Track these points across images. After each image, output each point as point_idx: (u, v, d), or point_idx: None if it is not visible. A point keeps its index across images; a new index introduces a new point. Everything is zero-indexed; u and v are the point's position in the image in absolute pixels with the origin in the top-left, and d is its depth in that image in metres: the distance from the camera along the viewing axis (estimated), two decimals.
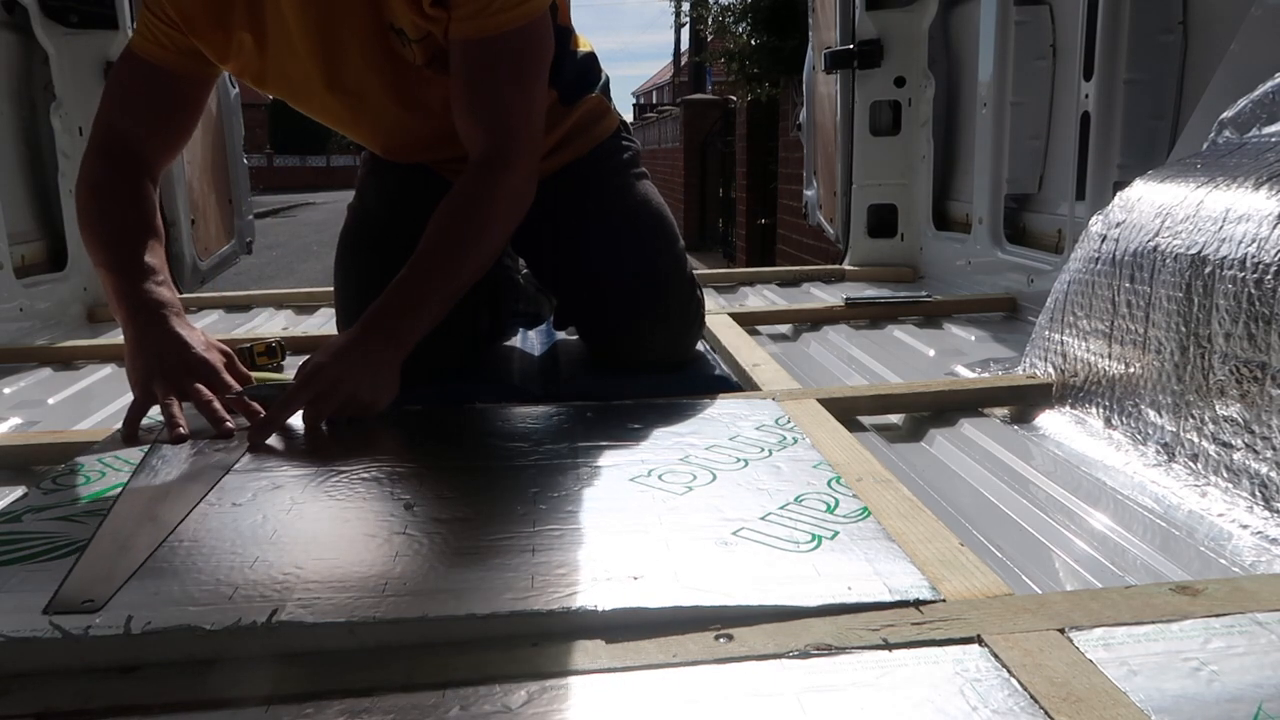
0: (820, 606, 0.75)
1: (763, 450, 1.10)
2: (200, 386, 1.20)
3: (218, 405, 1.19)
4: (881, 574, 0.80)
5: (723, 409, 1.28)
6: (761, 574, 0.80)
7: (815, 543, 0.86)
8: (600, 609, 0.74)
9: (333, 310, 1.69)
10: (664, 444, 1.14)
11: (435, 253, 1.25)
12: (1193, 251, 1.14)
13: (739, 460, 1.07)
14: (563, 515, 0.93)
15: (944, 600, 0.76)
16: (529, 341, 1.76)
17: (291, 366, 1.82)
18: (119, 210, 1.30)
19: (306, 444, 1.17)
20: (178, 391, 1.19)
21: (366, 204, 1.59)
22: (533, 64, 1.29)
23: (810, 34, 3.24)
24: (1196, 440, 1.11)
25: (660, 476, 1.03)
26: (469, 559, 0.84)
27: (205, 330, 1.29)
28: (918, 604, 0.76)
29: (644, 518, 0.92)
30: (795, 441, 1.14)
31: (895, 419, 1.41)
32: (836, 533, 0.88)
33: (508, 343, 1.72)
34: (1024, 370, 1.50)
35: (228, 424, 1.17)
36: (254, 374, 1.49)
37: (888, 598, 0.76)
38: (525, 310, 1.76)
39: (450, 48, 1.27)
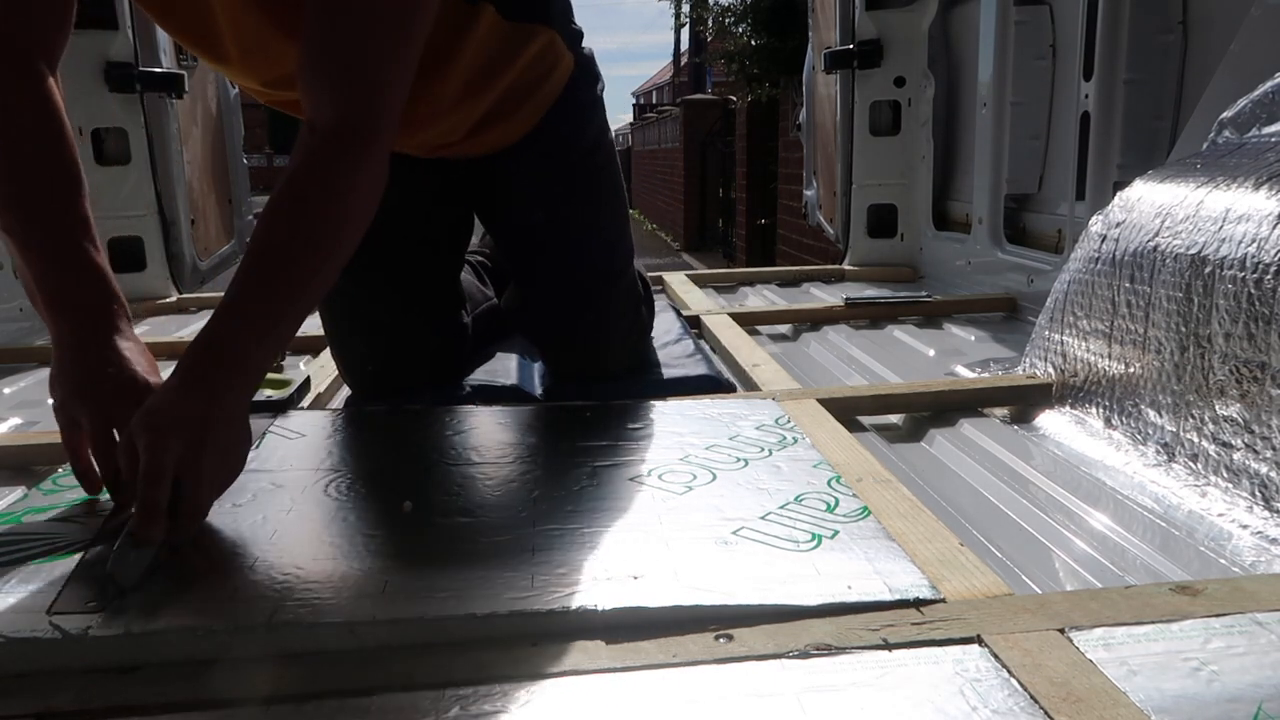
0: (820, 606, 0.75)
1: (763, 450, 1.10)
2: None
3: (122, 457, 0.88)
4: (881, 573, 0.80)
5: (722, 409, 1.28)
6: (761, 573, 0.80)
7: (815, 542, 0.86)
8: (600, 609, 0.74)
9: None
10: (663, 443, 1.14)
11: (283, 260, 0.93)
12: (1193, 251, 1.14)
13: (739, 460, 1.07)
14: (562, 515, 0.93)
15: (944, 600, 0.76)
16: (527, 343, 1.76)
17: (291, 367, 1.83)
18: (26, 147, 0.99)
19: (306, 444, 1.17)
20: (104, 420, 0.93)
21: None
22: (412, 13, 0.97)
23: (810, 34, 3.24)
24: (1196, 440, 1.11)
25: (660, 476, 1.03)
26: (469, 559, 0.84)
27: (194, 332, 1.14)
28: (918, 603, 0.76)
29: (644, 517, 0.92)
30: (795, 441, 1.14)
31: (895, 419, 1.41)
32: (836, 532, 0.88)
33: (506, 344, 1.72)
34: (1024, 370, 1.50)
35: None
36: None
37: (888, 596, 0.76)
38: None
39: None
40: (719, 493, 0.98)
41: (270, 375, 1.40)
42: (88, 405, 0.94)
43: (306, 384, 1.40)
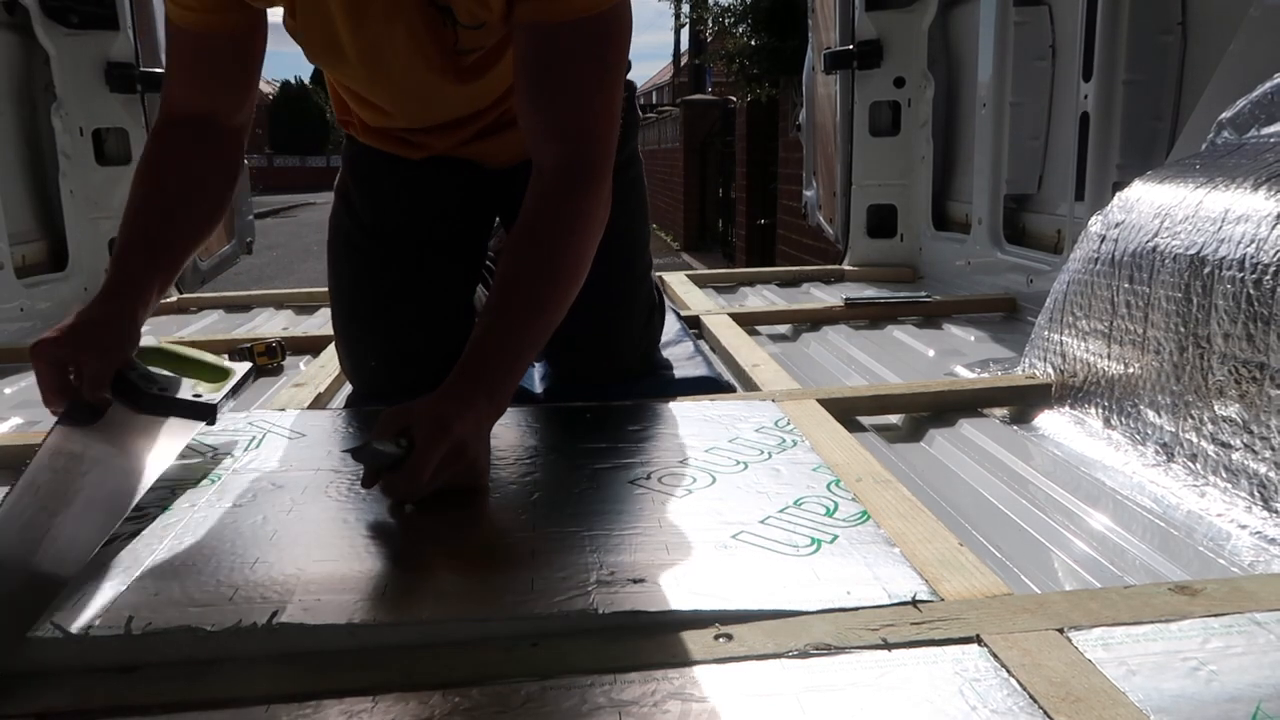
0: (819, 612, 0.75)
1: (762, 453, 1.10)
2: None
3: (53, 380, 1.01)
4: (881, 578, 0.80)
5: (722, 410, 1.28)
6: (761, 578, 0.80)
7: (815, 547, 0.86)
8: (600, 612, 0.74)
9: None
10: (663, 446, 1.14)
11: (525, 293, 1.08)
12: (1192, 252, 1.15)
13: (738, 463, 1.07)
14: (563, 518, 0.93)
15: (943, 600, 0.77)
16: None
17: (291, 367, 1.83)
18: (166, 198, 1.15)
19: (306, 444, 1.17)
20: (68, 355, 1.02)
21: (351, 201, 1.51)
22: (616, 55, 1.13)
23: (810, 34, 3.24)
24: (1195, 440, 1.11)
25: (660, 479, 1.03)
26: (469, 561, 0.84)
27: (207, 328, 1.22)
28: (916, 603, 0.76)
29: (644, 521, 0.92)
30: (794, 444, 1.14)
31: (895, 419, 1.41)
32: (836, 536, 0.88)
33: None
34: (1023, 370, 1.50)
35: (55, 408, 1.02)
36: (176, 351, 1.23)
37: (886, 602, 0.76)
38: None
39: (516, 34, 1.11)
40: (718, 496, 0.98)
41: (209, 359, 1.21)
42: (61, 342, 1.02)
43: (246, 380, 1.20)
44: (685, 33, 16.36)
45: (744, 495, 0.98)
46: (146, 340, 1.11)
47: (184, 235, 1.17)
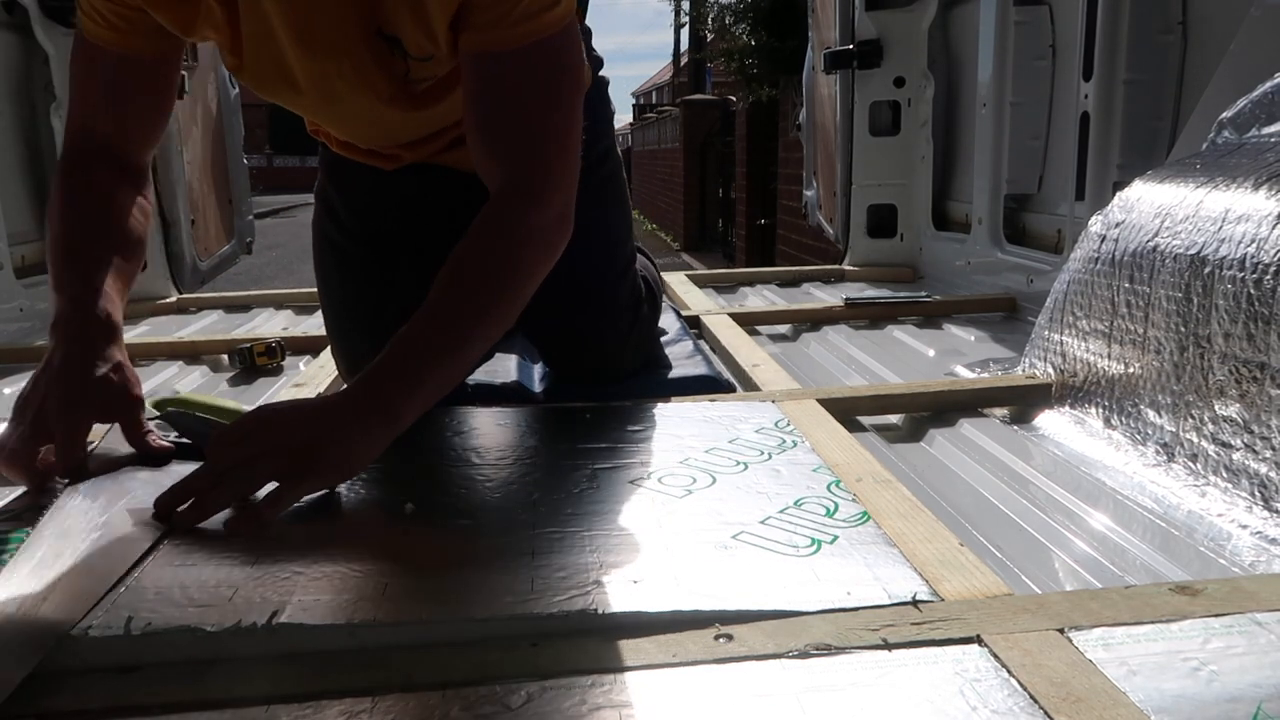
0: (819, 612, 0.75)
1: (762, 454, 1.10)
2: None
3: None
4: (881, 579, 0.80)
5: (722, 411, 1.28)
6: (761, 578, 0.80)
7: (815, 547, 0.86)
8: (600, 612, 0.74)
9: None
10: (663, 446, 1.14)
11: (445, 312, 1.02)
12: (1192, 252, 1.15)
13: (738, 464, 1.07)
14: (562, 518, 0.93)
15: (943, 600, 0.77)
16: (528, 344, 1.76)
17: (291, 367, 1.83)
18: (76, 225, 1.12)
19: None
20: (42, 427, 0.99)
21: (333, 205, 1.50)
22: (567, 78, 1.09)
23: (810, 34, 3.25)
24: (1196, 440, 1.11)
25: (660, 479, 1.03)
26: (469, 561, 0.84)
27: (207, 328, 1.20)
28: (916, 603, 0.76)
29: (644, 521, 0.92)
30: (795, 445, 1.14)
31: (895, 419, 1.41)
32: (836, 537, 0.88)
33: (505, 345, 1.72)
34: (1024, 370, 1.50)
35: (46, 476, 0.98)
36: (196, 399, 1.21)
37: (887, 602, 0.76)
38: None
39: (462, 63, 1.08)
40: (719, 496, 0.98)
41: (225, 404, 1.21)
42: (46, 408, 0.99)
43: None
44: (685, 32, 16.38)
45: (744, 496, 0.98)
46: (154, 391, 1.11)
47: (126, 271, 1.13)
